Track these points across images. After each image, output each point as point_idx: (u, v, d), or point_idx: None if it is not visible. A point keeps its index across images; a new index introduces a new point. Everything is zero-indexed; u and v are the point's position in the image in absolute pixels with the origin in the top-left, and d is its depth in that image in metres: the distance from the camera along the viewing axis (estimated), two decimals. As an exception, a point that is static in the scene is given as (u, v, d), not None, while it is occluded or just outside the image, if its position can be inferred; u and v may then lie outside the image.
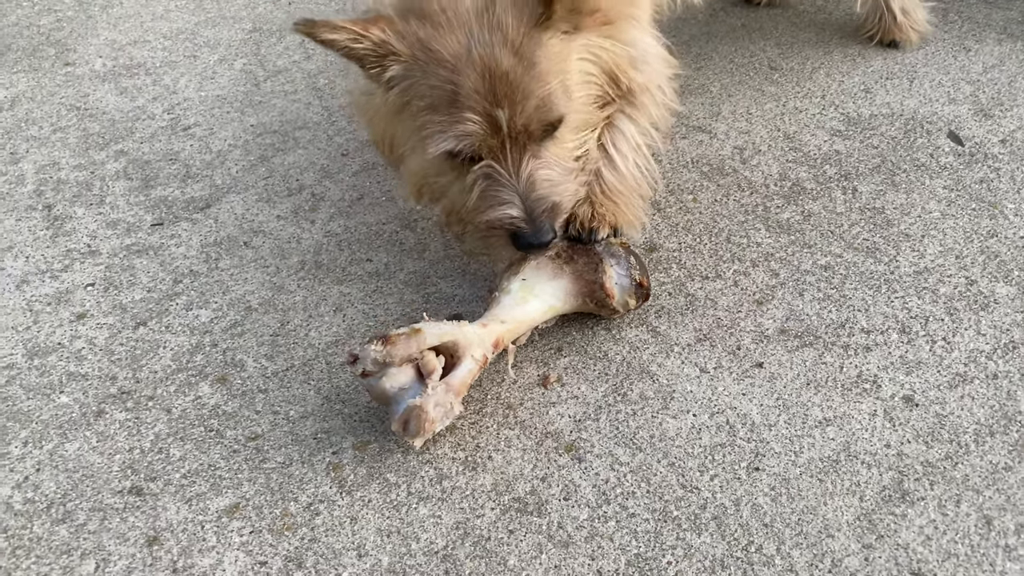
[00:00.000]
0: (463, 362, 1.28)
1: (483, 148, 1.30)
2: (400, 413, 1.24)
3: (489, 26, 1.25)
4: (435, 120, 1.29)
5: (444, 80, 1.26)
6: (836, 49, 2.24)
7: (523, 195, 1.31)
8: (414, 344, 1.24)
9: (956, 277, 1.55)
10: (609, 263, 1.41)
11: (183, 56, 2.49)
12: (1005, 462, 1.24)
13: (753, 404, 1.36)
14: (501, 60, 1.24)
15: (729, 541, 1.18)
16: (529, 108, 1.27)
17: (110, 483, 1.34)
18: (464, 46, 1.25)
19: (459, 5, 1.26)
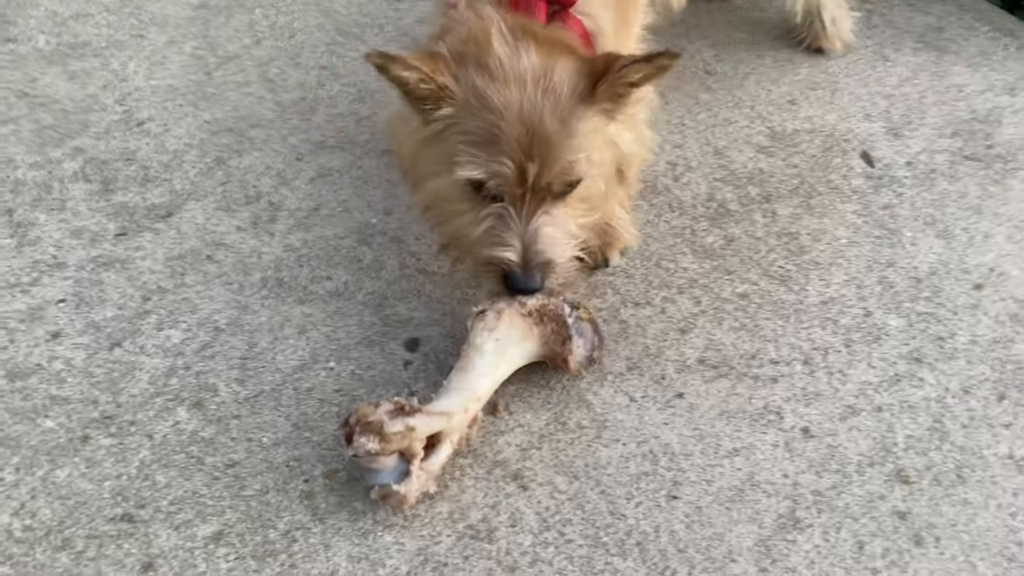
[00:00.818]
0: (443, 446, 1.43)
1: (505, 190, 1.43)
2: (380, 487, 1.39)
3: (543, 90, 1.39)
4: (471, 152, 1.41)
5: (490, 123, 1.39)
6: (768, 53, 2.37)
7: (526, 243, 1.45)
8: (407, 440, 1.38)
9: (855, 308, 1.76)
10: (576, 342, 1.55)
11: (129, 35, 2.49)
12: (880, 491, 1.48)
13: (673, 434, 1.57)
14: (545, 121, 1.39)
15: (649, 566, 1.40)
16: (556, 169, 1.41)
17: (102, 510, 1.50)
18: (516, 100, 1.39)
19: (518, 65, 1.40)
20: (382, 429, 1.37)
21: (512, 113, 1.38)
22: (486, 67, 1.40)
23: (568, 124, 1.41)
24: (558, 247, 1.47)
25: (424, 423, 1.40)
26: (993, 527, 1.44)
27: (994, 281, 1.79)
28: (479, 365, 1.50)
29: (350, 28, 2.50)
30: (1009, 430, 1.56)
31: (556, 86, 1.40)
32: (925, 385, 1.63)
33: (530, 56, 1.41)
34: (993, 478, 1.50)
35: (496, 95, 1.39)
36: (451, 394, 1.48)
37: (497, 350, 1.51)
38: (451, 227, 1.54)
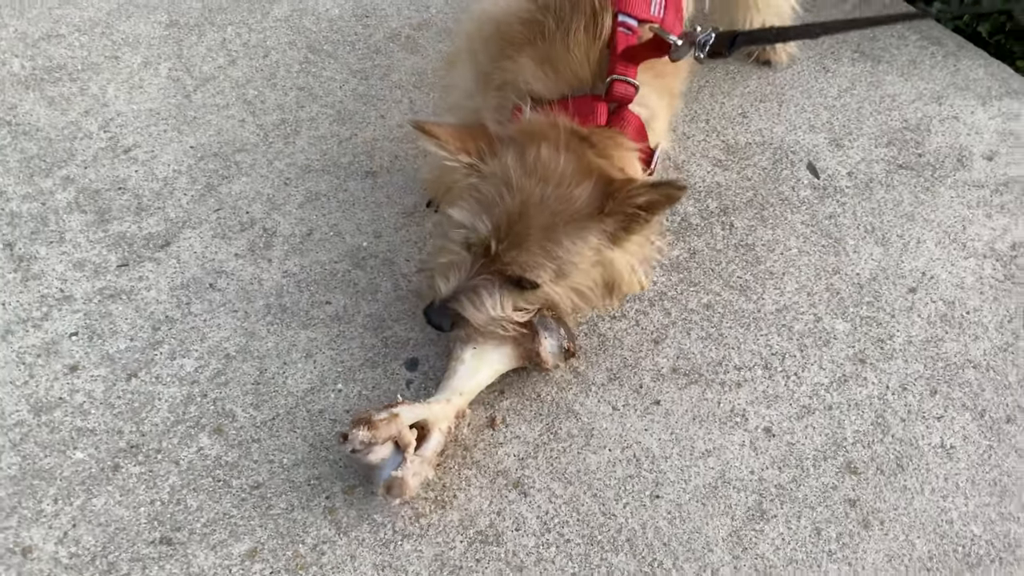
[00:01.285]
0: (433, 435, 1.62)
1: (475, 248, 1.59)
2: (384, 480, 1.57)
3: (559, 196, 1.53)
4: (470, 204, 1.57)
5: (498, 195, 1.54)
6: (718, 66, 2.55)
7: (457, 291, 1.60)
8: (394, 427, 1.56)
9: (807, 314, 1.97)
10: (543, 335, 1.73)
11: (104, 57, 2.55)
12: (833, 482, 1.71)
13: (653, 439, 1.77)
14: (540, 219, 1.53)
15: (639, 559, 1.61)
16: (515, 257, 1.55)
17: (141, 535, 1.64)
18: (531, 191, 1.53)
19: (551, 167, 1.54)
20: (371, 418, 1.56)
21: (519, 198, 1.53)
22: (523, 156, 1.55)
23: (558, 234, 1.54)
24: (478, 314, 1.61)
25: (407, 410, 1.60)
26: (928, 508, 1.68)
27: (926, 284, 2.03)
28: (459, 371, 1.71)
29: (322, 45, 2.60)
30: (940, 422, 1.80)
31: (573, 197, 1.54)
32: (868, 384, 1.85)
33: (566, 164, 1.54)
34: (927, 465, 1.74)
35: (518, 179, 1.53)
36: (438, 393, 1.70)
37: (476, 356, 1.71)
38: (438, 243, 1.73)
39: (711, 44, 1.71)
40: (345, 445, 1.58)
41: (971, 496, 1.69)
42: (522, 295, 1.62)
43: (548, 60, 1.68)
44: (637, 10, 1.73)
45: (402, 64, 2.53)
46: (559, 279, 1.60)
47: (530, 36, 1.70)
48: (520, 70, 1.71)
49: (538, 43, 1.69)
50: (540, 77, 1.69)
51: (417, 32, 2.63)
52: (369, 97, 2.44)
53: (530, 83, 1.70)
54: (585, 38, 1.67)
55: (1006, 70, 2.55)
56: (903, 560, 1.61)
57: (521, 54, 1.70)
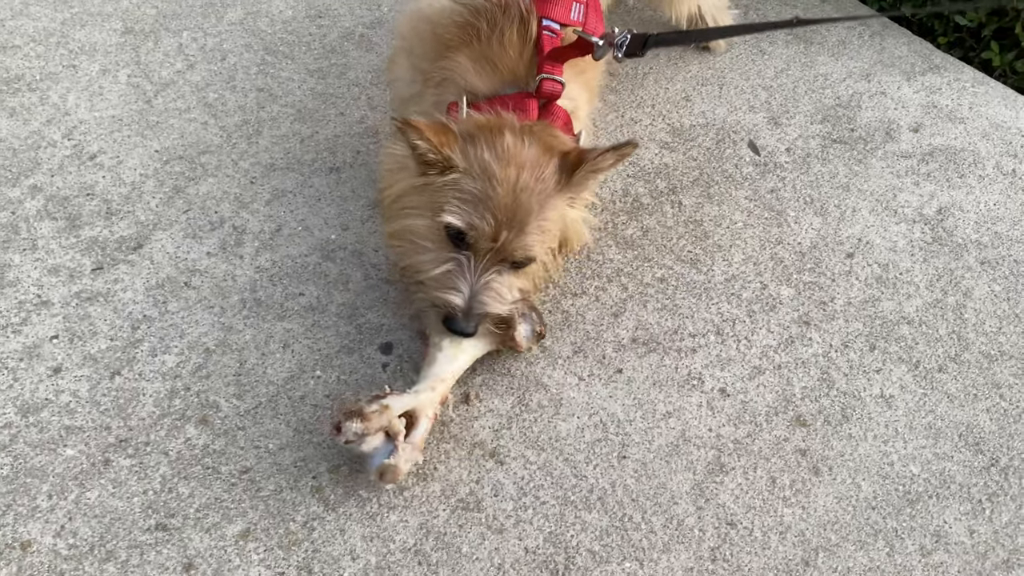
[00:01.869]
0: (420, 422, 1.71)
1: (476, 242, 1.66)
2: (376, 467, 1.66)
3: (535, 177, 1.67)
4: (461, 205, 1.65)
5: (486, 188, 1.65)
6: (662, 52, 2.67)
7: (473, 293, 1.68)
8: (384, 418, 1.65)
9: (754, 282, 2.11)
10: (518, 321, 1.84)
11: (62, 66, 2.58)
12: (784, 435, 1.85)
13: (617, 404, 1.90)
14: (532, 201, 1.66)
15: (611, 515, 1.73)
16: (524, 241, 1.67)
17: (137, 523, 1.71)
18: (513, 178, 1.65)
19: (521, 153, 1.67)
20: (362, 411, 1.64)
21: (507, 187, 1.65)
22: (495, 148, 1.66)
23: (545, 209, 1.69)
24: (498, 303, 1.71)
25: (396, 401, 1.68)
26: (871, 453, 1.83)
27: (862, 250, 2.18)
28: (439, 358, 1.79)
29: (278, 47, 2.67)
30: (880, 374, 1.95)
31: (546, 176, 1.68)
32: (813, 343, 2.00)
33: (531, 149, 1.68)
34: (869, 414, 1.89)
35: (499, 170, 1.65)
36: (419, 383, 1.77)
37: (454, 344, 1.79)
38: (414, 260, 1.76)
39: (627, 45, 1.92)
40: (338, 436, 1.66)
41: (909, 440, 1.85)
42: (515, 273, 1.73)
43: (484, 59, 1.82)
44: (559, 15, 1.90)
45: (358, 62, 2.61)
46: (544, 244, 1.72)
47: (466, 38, 1.83)
48: (458, 68, 1.84)
49: (474, 44, 1.82)
50: (478, 74, 1.83)
51: (370, 30, 2.71)
52: (328, 95, 2.51)
53: (468, 80, 1.83)
54: (517, 40, 1.82)
55: (928, 47, 2.72)
56: (851, 501, 1.76)
57: (458, 54, 1.83)
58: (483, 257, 1.67)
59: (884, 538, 1.71)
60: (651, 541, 1.70)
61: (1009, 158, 2.39)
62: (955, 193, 2.30)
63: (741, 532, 1.71)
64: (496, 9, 1.84)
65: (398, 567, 1.66)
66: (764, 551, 1.69)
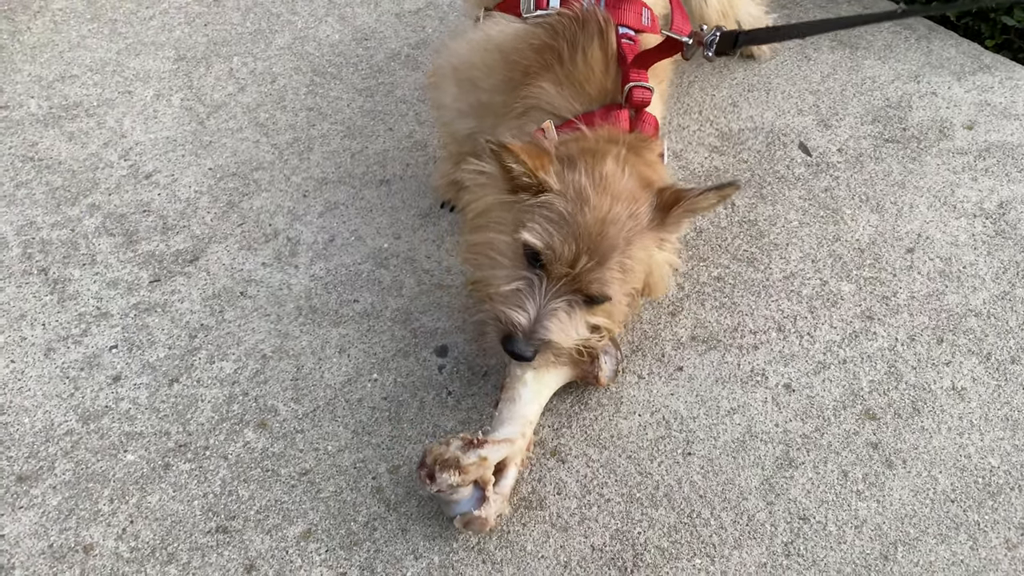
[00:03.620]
0: (510, 470, 1.62)
1: (552, 264, 1.57)
2: (461, 515, 1.58)
3: (629, 210, 1.58)
4: (544, 225, 1.56)
5: (576, 212, 1.56)
6: (704, 61, 2.67)
7: (538, 316, 1.57)
8: (482, 470, 1.56)
9: (813, 279, 2.07)
10: (604, 360, 1.77)
11: (118, 92, 2.65)
12: (854, 428, 1.80)
13: (680, 401, 1.86)
14: (619, 235, 1.57)
15: (678, 511, 1.68)
16: (602, 276, 1.57)
17: (198, 526, 1.70)
18: (606, 207, 1.56)
19: (619, 184, 1.59)
20: (459, 463, 1.55)
21: (597, 215, 1.55)
22: (592, 174, 1.58)
23: (631, 246, 1.58)
24: (562, 335, 1.59)
25: (493, 451, 1.59)
26: (946, 446, 1.76)
27: (922, 244, 2.13)
28: (523, 394, 1.69)
29: (326, 68, 2.71)
30: (949, 367, 1.89)
31: (640, 212, 1.59)
32: (878, 337, 1.95)
33: (629, 180, 1.60)
34: (941, 407, 1.82)
35: (592, 196, 1.57)
36: (506, 423, 1.67)
37: (536, 377, 1.71)
38: (488, 274, 1.67)
39: (717, 43, 1.83)
40: (431, 485, 1.56)
41: (985, 432, 1.78)
42: (588, 310, 1.62)
43: (570, 82, 1.75)
44: (632, 20, 1.85)
45: (404, 81, 2.65)
46: (622, 290, 1.62)
47: (546, 63, 1.77)
48: (543, 95, 1.77)
49: (556, 68, 1.76)
50: (564, 98, 1.76)
51: (416, 51, 2.75)
52: (376, 112, 2.54)
53: (556, 105, 1.76)
54: (600, 55, 1.75)
55: (976, 48, 2.69)
56: (928, 494, 1.69)
57: (540, 80, 1.76)
58: (556, 282, 1.58)
59: (966, 531, 1.64)
60: (721, 537, 1.65)
61: (1069, 152, 2.34)
62: (1016, 188, 2.25)
63: (815, 527, 1.65)
64: (574, 25, 1.76)
65: (462, 565, 1.62)
66: (840, 545, 1.63)
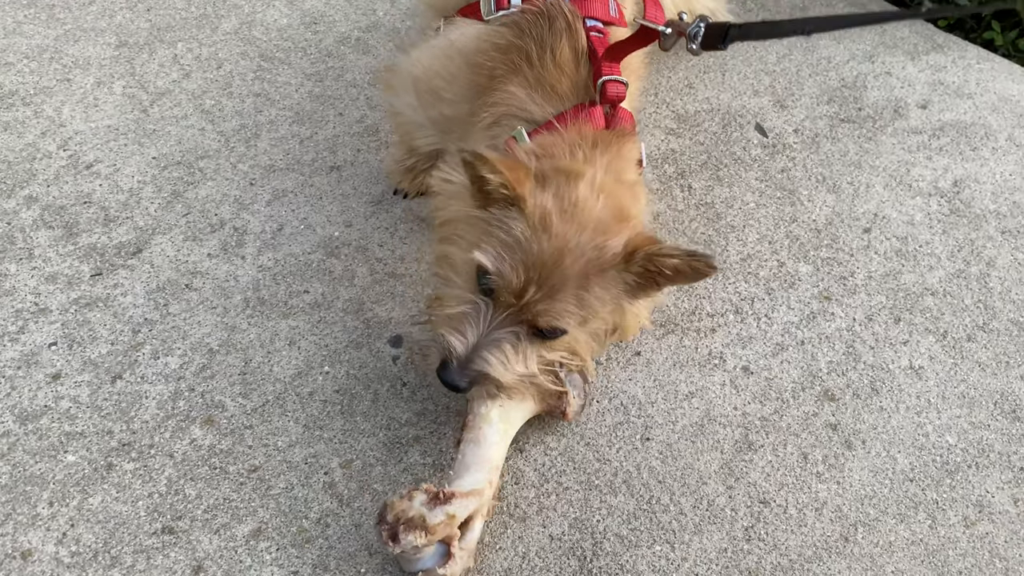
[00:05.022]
0: (476, 523, 1.51)
1: (499, 292, 1.45)
2: (425, 572, 1.47)
3: (594, 245, 1.45)
4: (499, 248, 1.45)
5: (533, 239, 1.43)
6: (661, 43, 2.64)
7: (477, 346, 1.46)
8: (449, 528, 1.45)
9: (770, 261, 2.05)
10: (572, 394, 1.65)
11: (55, 80, 2.55)
12: (813, 410, 1.78)
13: (638, 387, 1.83)
14: (575, 268, 1.44)
15: (637, 498, 1.66)
16: (551, 309, 1.44)
17: (142, 527, 1.64)
18: (568, 237, 1.44)
19: (588, 212, 1.46)
20: (425, 522, 1.43)
21: (555, 244, 1.42)
22: (563, 199, 1.46)
23: (590, 283, 1.45)
24: (502, 369, 1.47)
25: (461, 508, 1.47)
26: (905, 425, 1.76)
27: (879, 224, 2.12)
28: (489, 435, 1.56)
29: (274, 53, 2.64)
30: (907, 346, 1.88)
31: (605, 247, 1.45)
32: (836, 318, 1.94)
33: (601, 209, 1.47)
34: (899, 386, 1.82)
35: (557, 224, 1.43)
36: (472, 470, 1.53)
37: (502, 416, 1.59)
38: (443, 292, 1.59)
39: (703, 36, 1.68)
40: (394, 546, 1.44)
41: (943, 410, 1.78)
42: (544, 344, 1.51)
43: (539, 83, 1.64)
44: (600, 13, 1.73)
45: (355, 65, 2.58)
46: (582, 326, 1.51)
47: (514, 64, 1.66)
48: (514, 101, 1.66)
49: (524, 70, 1.65)
50: (535, 102, 1.65)
51: (366, 34, 2.69)
52: (325, 97, 2.48)
53: (528, 110, 1.65)
54: (570, 53, 1.65)
55: (929, 27, 2.70)
56: (887, 474, 1.68)
57: (509, 84, 1.66)
58: (504, 311, 1.46)
59: (925, 510, 1.63)
60: (681, 523, 1.62)
61: (1021, 130, 2.34)
62: (969, 166, 2.25)
63: (775, 510, 1.64)
64: (540, 21, 1.66)
65: (418, 560, 1.58)
66: (800, 528, 1.61)
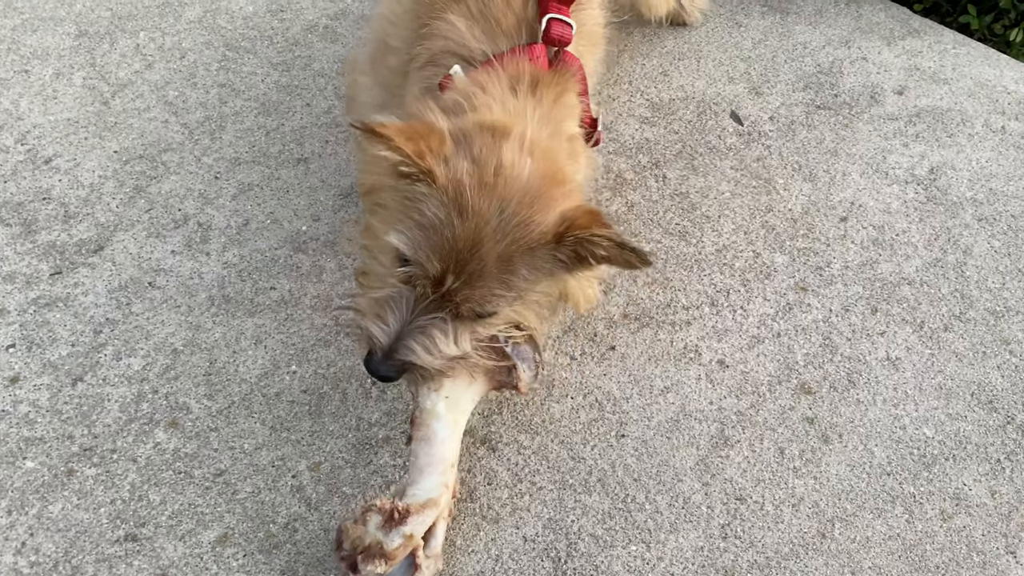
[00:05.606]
0: (438, 529, 1.45)
1: (418, 280, 1.35)
2: None
3: (518, 220, 1.31)
4: (414, 231, 1.33)
5: (447, 220, 1.31)
6: (635, 29, 2.60)
7: (400, 334, 1.35)
8: (410, 547, 1.38)
9: (746, 251, 2.03)
10: (521, 367, 1.51)
11: (13, 71, 2.47)
12: (789, 404, 1.76)
13: (612, 382, 1.80)
14: (495, 250, 1.31)
15: (612, 497, 1.63)
16: (473, 296, 1.34)
17: (104, 535, 1.59)
18: (486, 214, 1.30)
19: (513, 180, 1.32)
20: (383, 549, 1.37)
21: (473, 224, 1.30)
22: (482, 165, 1.32)
23: (515, 265, 1.34)
24: (428, 357, 1.37)
25: (419, 524, 1.40)
26: (881, 418, 1.74)
27: (856, 213, 2.10)
28: (439, 431, 1.46)
29: (239, 42, 2.57)
30: (884, 337, 1.86)
31: (531, 223, 1.32)
32: (812, 309, 1.91)
33: (530, 175, 1.34)
34: (876, 378, 1.80)
35: (473, 199, 1.30)
36: (425, 473, 1.45)
37: (450, 406, 1.47)
38: (368, 265, 1.49)
39: None
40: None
41: (920, 402, 1.76)
42: (480, 323, 1.41)
43: (481, 15, 1.52)
44: None
45: (323, 53, 2.52)
46: (517, 302, 1.40)
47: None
48: (451, 33, 1.52)
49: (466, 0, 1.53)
50: (474, 36, 1.52)
51: (335, 22, 2.62)
52: (292, 87, 2.42)
53: (466, 44, 1.52)
54: None
55: (905, 12, 2.67)
56: (864, 468, 1.66)
57: (447, 14, 1.53)
58: (424, 298, 1.35)
59: (903, 504, 1.61)
60: (657, 521, 1.59)
61: (997, 115, 2.32)
62: (946, 152, 2.23)
63: (752, 507, 1.61)
64: None
65: (388, 565, 1.54)
66: (777, 525, 1.59)
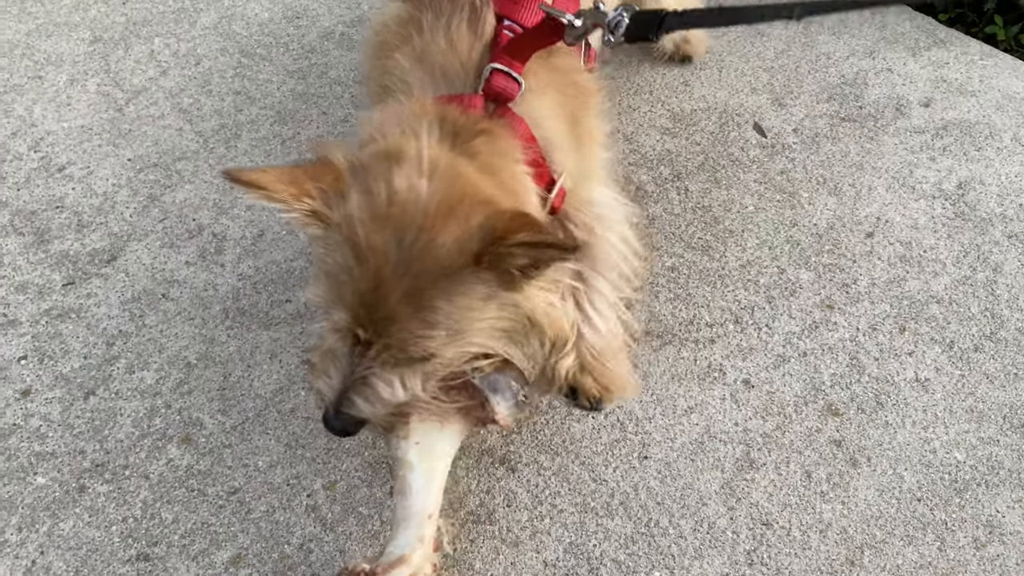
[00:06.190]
0: None
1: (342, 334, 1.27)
2: None
3: (423, 245, 1.18)
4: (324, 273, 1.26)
5: (344, 266, 1.21)
6: (655, 38, 2.56)
7: (345, 387, 1.28)
8: None
9: (771, 267, 1.98)
10: (495, 400, 1.43)
11: (27, 77, 2.45)
12: (816, 425, 1.71)
13: (635, 402, 1.75)
14: (399, 292, 1.19)
15: (635, 520, 1.59)
16: (393, 343, 1.23)
17: (116, 554, 1.56)
18: (382, 250, 1.18)
19: (411, 206, 1.19)
20: None
21: (371, 266, 1.18)
22: (372, 196, 1.20)
23: (425, 298, 1.20)
24: (371, 406, 1.30)
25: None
26: (911, 441, 1.69)
27: (882, 228, 2.05)
28: (412, 481, 1.40)
29: (255, 49, 2.54)
30: (912, 357, 1.82)
31: (442, 243, 1.19)
32: (839, 328, 1.87)
33: (431, 196, 1.20)
34: (905, 400, 1.75)
35: (366, 236, 1.18)
36: (400, 528, 1.39)
37: (423, 454, 1.40)
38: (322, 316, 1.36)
39: (627, 26, 1.46)
40: None
41: (950, 424, 1.71)
42: (428, 363, 1.29)
43: (424, 56, 1.44)
44: (526, 18, 1.48)
45: (339, 61, 2.49)
46: (458, 337, 1.26)
47: (406, 34, 1.47)
48: (396, 71, 1.46)
49: (414, 39, 1.46)
50: (415, 75, 1.43)
51: (351, 29, 2.60)
52: (308, 96, 2.39)
53: (407, 83, 1.44)
54: (467, 33, 1.44)
55: (931, 22, 2.62)
56: (894, 494, 1.62)
57: (396, 53, 1.47)
58: (357, 349, 1.26)
59: (934, 531, 1.57)
60: (681, 547, 1.55)
61: (1026, 129, 2.28)
62: (974, 167, 2.18)
63: (778, 532, 1.57)
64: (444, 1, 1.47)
65: (405, 589, 1.50)
66: (804, 551, 1.55)
